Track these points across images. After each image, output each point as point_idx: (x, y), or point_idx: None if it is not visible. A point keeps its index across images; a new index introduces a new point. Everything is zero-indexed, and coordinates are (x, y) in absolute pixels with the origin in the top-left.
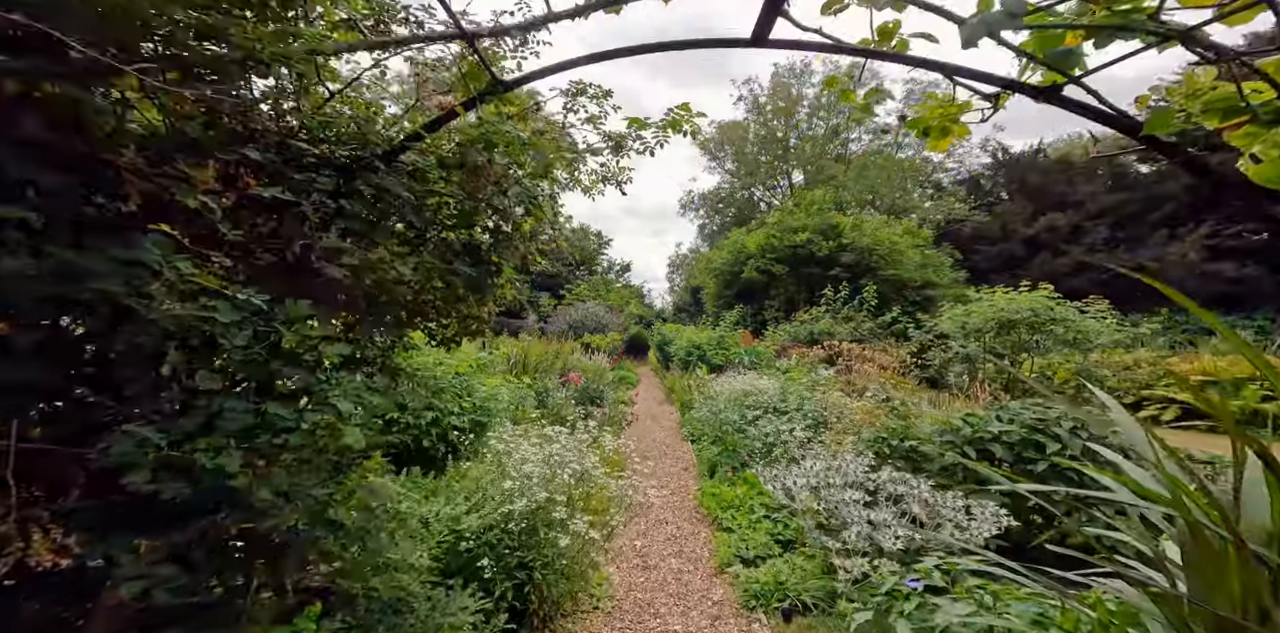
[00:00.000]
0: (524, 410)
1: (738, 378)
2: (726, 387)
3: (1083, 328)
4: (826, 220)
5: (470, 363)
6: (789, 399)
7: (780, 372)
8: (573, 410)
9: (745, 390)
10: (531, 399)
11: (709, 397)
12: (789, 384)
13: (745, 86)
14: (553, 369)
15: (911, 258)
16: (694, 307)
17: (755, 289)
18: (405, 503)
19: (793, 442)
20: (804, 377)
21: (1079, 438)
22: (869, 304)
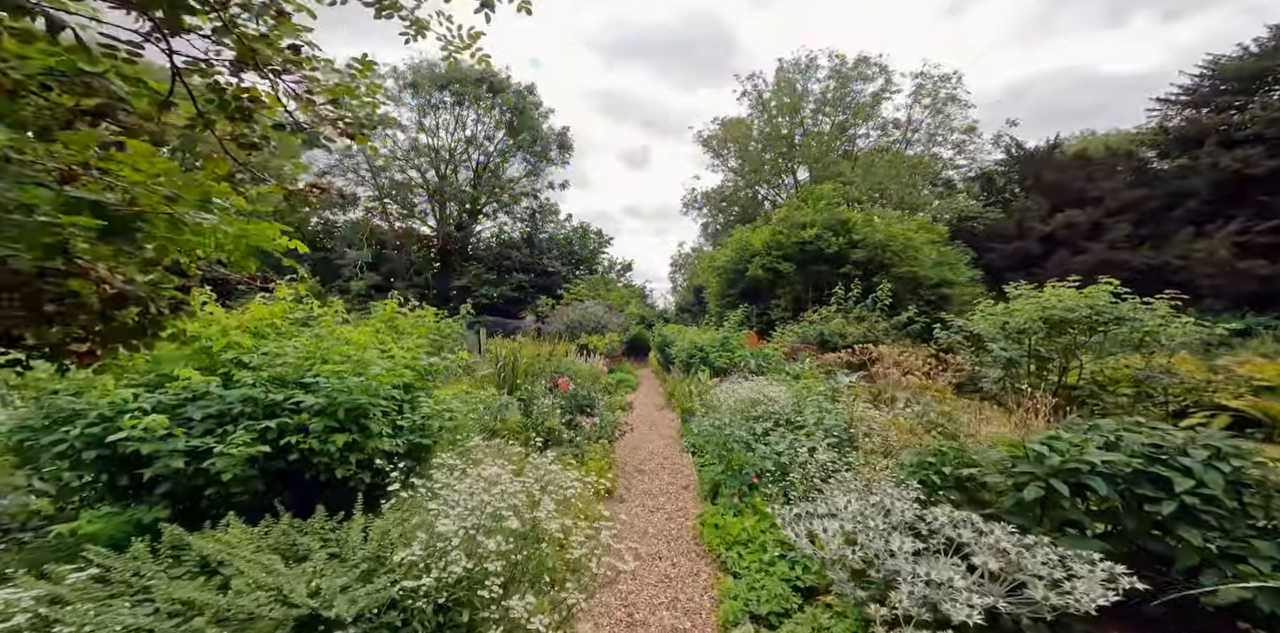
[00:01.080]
0: (505, 421)
1: (744, 384)
2: (731, 394)
3: (1154, 328)
4: (836, 216)
5: (406, 370)
6: (805, 411)
7: (791, 377)
8: (558, 421)
9: (752, 399)
10: (515, 408)
11: (711, 407)
12: (804, 392)
13: (749, 82)
14: (545, 373)
15: (927, 255)
16: (697, 306)
17: (760, 288)
18: None
19: (813, 464)
20: (820, 384)
21: (1218, 471)
22: (882, 303)
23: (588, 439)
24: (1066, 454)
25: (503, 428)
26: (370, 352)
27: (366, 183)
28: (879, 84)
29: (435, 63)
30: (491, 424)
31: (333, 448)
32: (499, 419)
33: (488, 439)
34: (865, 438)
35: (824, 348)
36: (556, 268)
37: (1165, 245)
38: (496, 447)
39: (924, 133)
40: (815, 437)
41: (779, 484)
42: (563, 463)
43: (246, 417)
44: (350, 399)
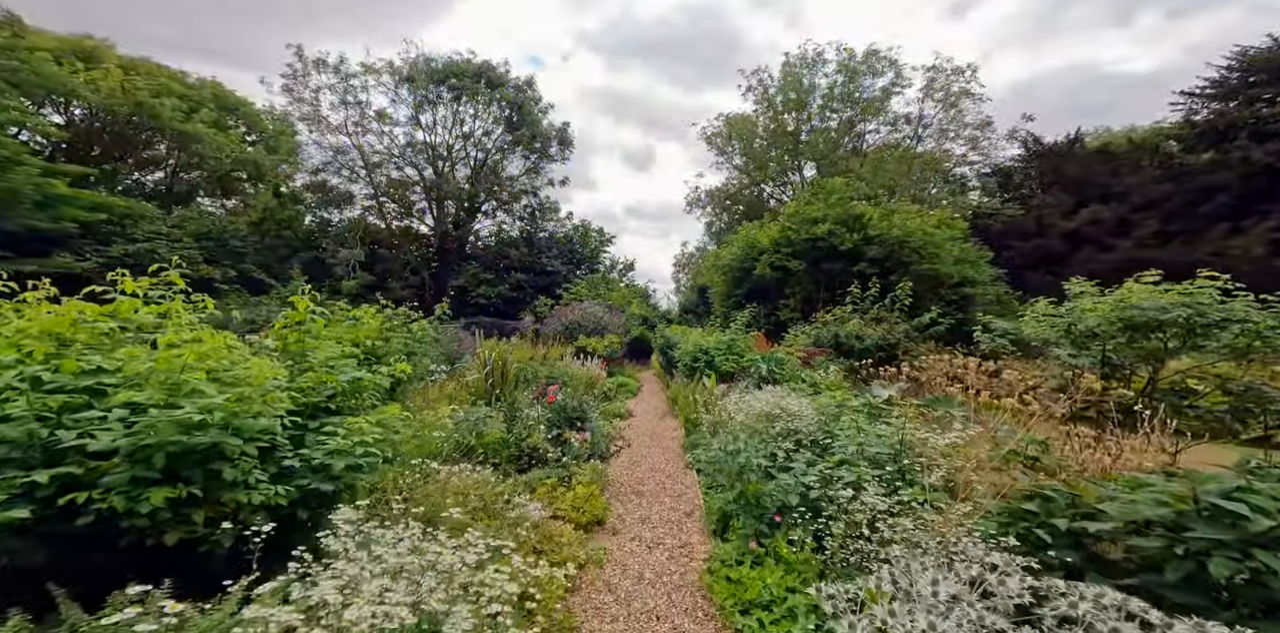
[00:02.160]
0: (483, 436)
1: (757, 395)
2: (743, 407)
3: (1266, 330)
4: (849, 211)
5: (281, 394)
6: (840, 433)
7: (809, 386)
8: (543, 437)
9: (768, 413)
10: (500, 419)
11: (720, 422)
12: (832, 408)
13: (754, 76)
14: (538, 378)
15: (949, 252)
16: (701, 307)
17: (768, 287)
18: None
19: (862, 512)
20: (850, 396)
21: None
22: (902, 303)
23: (577, 458)
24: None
25: (480, 445)
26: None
27: (361, 179)
28: (889, 78)
29: (432, 57)
30: (467, 440)
31: (146, 507)
32: (475, 434)
33: (455, 462)
34: (924, 471)
35: (840, 351)
36: (556, 267)
37: (1197, 242)
38: (459, 476)
39: (935, 128)
40: (858, 469)
41: (808, 526)
42: (545, 489)
43: (11, 464)
44: (177, 439)
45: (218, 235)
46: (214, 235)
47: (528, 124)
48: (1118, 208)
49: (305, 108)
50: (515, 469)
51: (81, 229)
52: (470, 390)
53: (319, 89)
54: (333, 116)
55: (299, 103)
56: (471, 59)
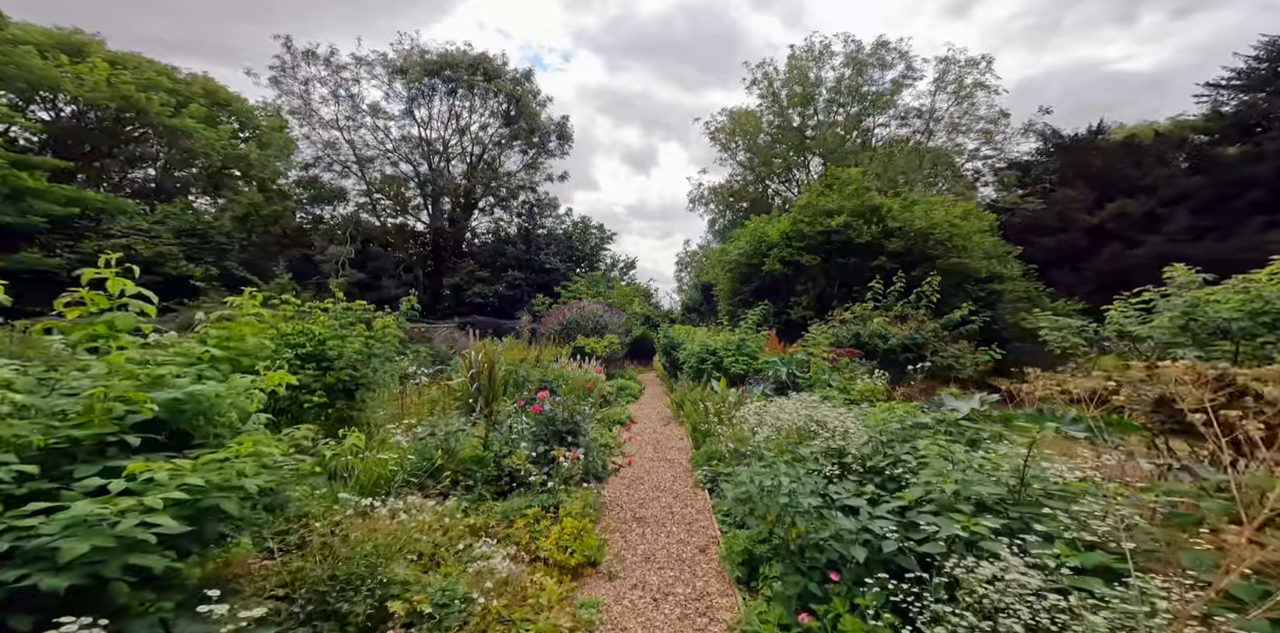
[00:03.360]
0: (455, 454)
1: (783, 404)
2: (767, 417)
3: None
4: (867, 202)
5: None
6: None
7: (838, 391)
8: (527, 456)
9: (800, 426)
10: (476, 434)
11: (740, 438)
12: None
13: (759, 69)
14: (530, 381)
15: (979, 244)
16: (705, 306)
17: (778, 284)
18: None
19: (987, 592)
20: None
21: None
22: (929, 299)
23: (568, 482)
24: None
25: (450, 465)
26: None
27: (353, 175)
28: (899, 70)
29: (426, 49)
30: (432, 460)
31: None
32: (444, 452)
33: (418, 489)
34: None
35: (863, 352)
36: (555, 265)
37: (1231, 237)
38: (412, 510)
39: (946, 123)
40: (960, 517)
41: (884, 592)
42: (525, 522)
43: None
44: None
45: (201, 232)
46: (197, 232)
47: (525, 117)
48: (1145, 202)
49: (295, 101)
50: (494, 493)
51: (51, 224)
52: (456, 395)
53: (308, 81)
54: (323, 110)
55: (288, 96)
56: (468, 51)
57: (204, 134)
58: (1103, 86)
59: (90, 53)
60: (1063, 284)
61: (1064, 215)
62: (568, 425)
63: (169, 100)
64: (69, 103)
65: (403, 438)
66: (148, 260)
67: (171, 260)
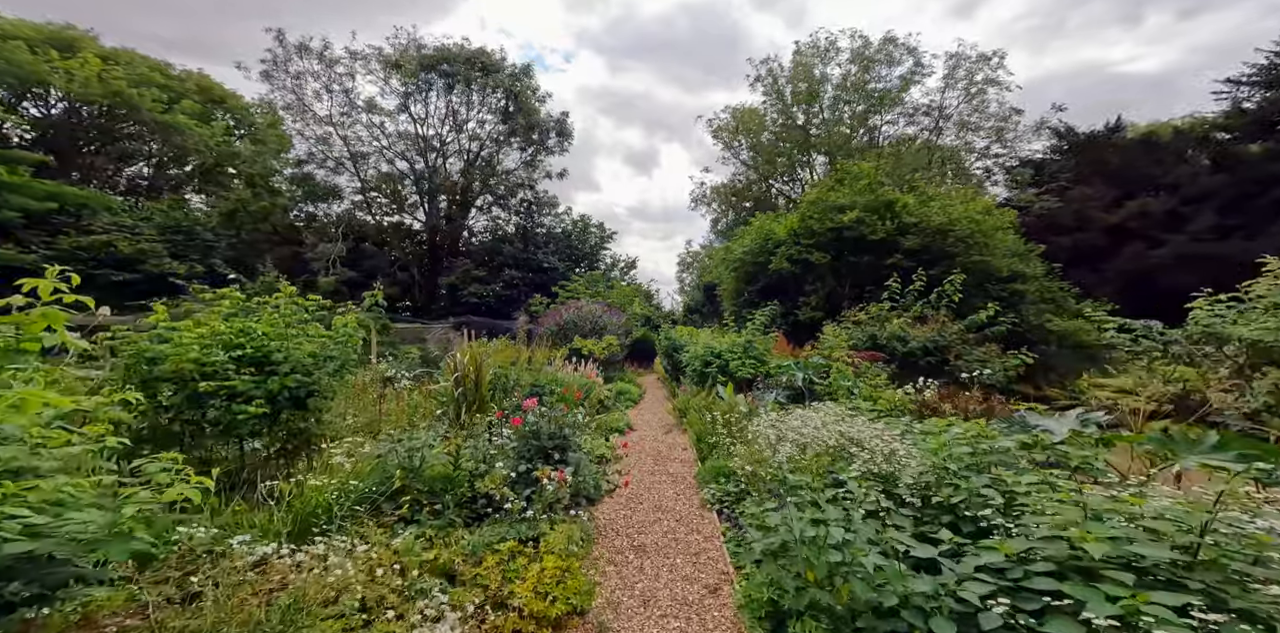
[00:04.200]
0: (421, 472)
1: (807, 417)
2: (788, 432)
3: None
4: (880, 197)
5: None
6: (990, 492)
7: (864, 399)
8: (504, 477)
9: (831, 445)
10: (449, 448)
11: (757, 458)
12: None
13: (763, 66)
14: (521, 386)
15: (1002, 242)
16: (708, 307)
17: (785, 284)
18: None
19: None
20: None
21: None
22: (950, 299)
23: (553, 507)
24: None
25: (417, 484)
26: None
27: (346, 170)
28: (907, 66)
29: (422, 42)
30: (395, 480)
31: None
32: (411, 470)
33: (372, 518)
34: None
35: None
36: (553, 264)
37: (1260, 235)
38: (341, 553)
39: (956, 120)
40: (1110, 588)
41: None
42: (497, 559)
43: None
44: None
45: (188, 229)
46: (183, 228)
47: (524, 113)
48: (1167, 200)
49: (288, 96)
50: (468, 518)
51: (28, 220)
52: (441, 401)
53: (300, 75)
54: (317, 105)
55: (280, 91)
56: (465, 45)
57: (197, 131)
58: (1107, 88)
59: (82, 48)
60: (1082, 285)
61: (1081, 214)
62: (555, 440)
63: (161, 96)
64: (61, 99)
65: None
66: (128, 258)
67: (154, 257)
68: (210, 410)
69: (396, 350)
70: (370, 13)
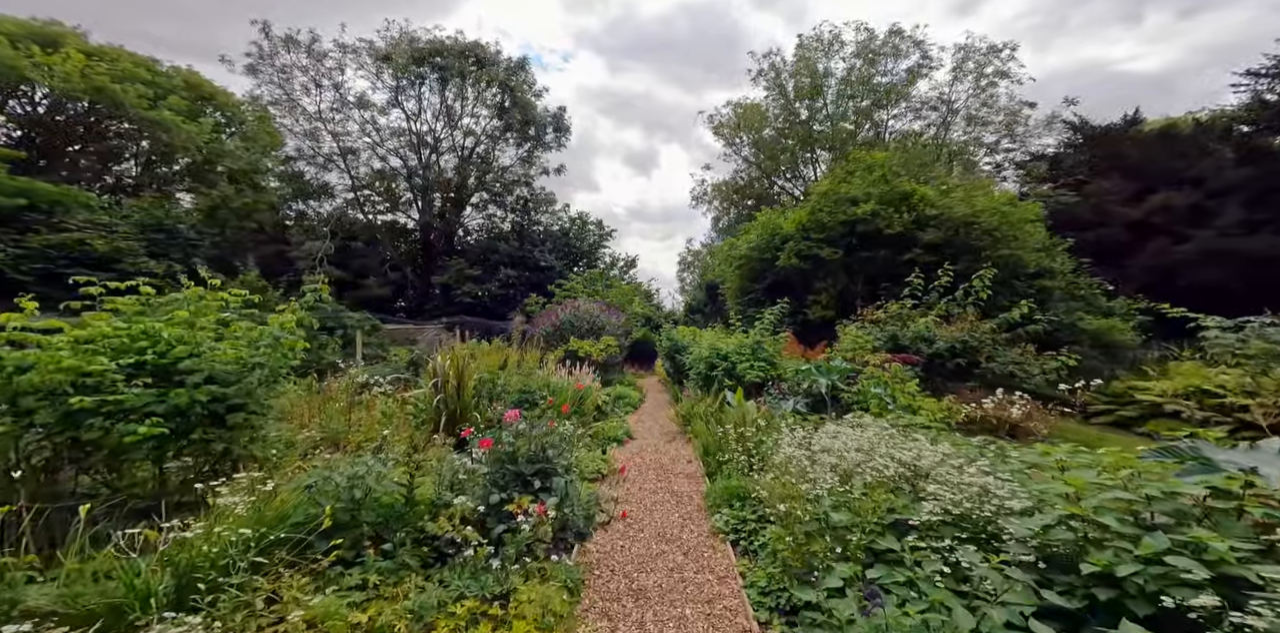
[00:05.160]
0: (364, 504)
1: (847, 437)
2: (820, 452)
3: None
4: (896, 188)
5: None
6: None
7: (902, 409)
8: (464, 514)
9: (884, 472)
10: (392, 483)
11: (788, 493)
12: (1108, 491)
13: (765, 60)
14: (510, 392)
15: (1032, 235)
16: (710, 306)
17: (793, 281)
18: None
19: None
20: (1130, 457)
21: None
22: (978, 297)
23: (531, 551)
24: None
25: (367, 518)
26: None
27: (336, 167)
28: (914, 60)
29: (414, 35)
30: (325, 516)
31: None
32: (351, 503)
33: (277, 569)
34: None
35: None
36: (550, 263)
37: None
38: None
39: (964, 115)
40: None
41: None
42: (452, 626)
43: None
44: None
45: (169, 227)
46: (165, 227)
47: (520, 108)
48: (1190, 194)
49: (275, 91)
50: (428, 558)
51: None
52: (421, 410)
53: (287, 69)
54: (305, 100)
55: (267, 86)
56: (459, 39)
57: (184, 127)
58: (1108, 87)
59: (65, 44)
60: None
61: (1100, 209)
62: (536, 464)
63: (147, 93)
64: (46, 97)
65: (299, 480)
66: (103, 256)
67: (130, 256)
68: (87, 431)
69: (386, 352)
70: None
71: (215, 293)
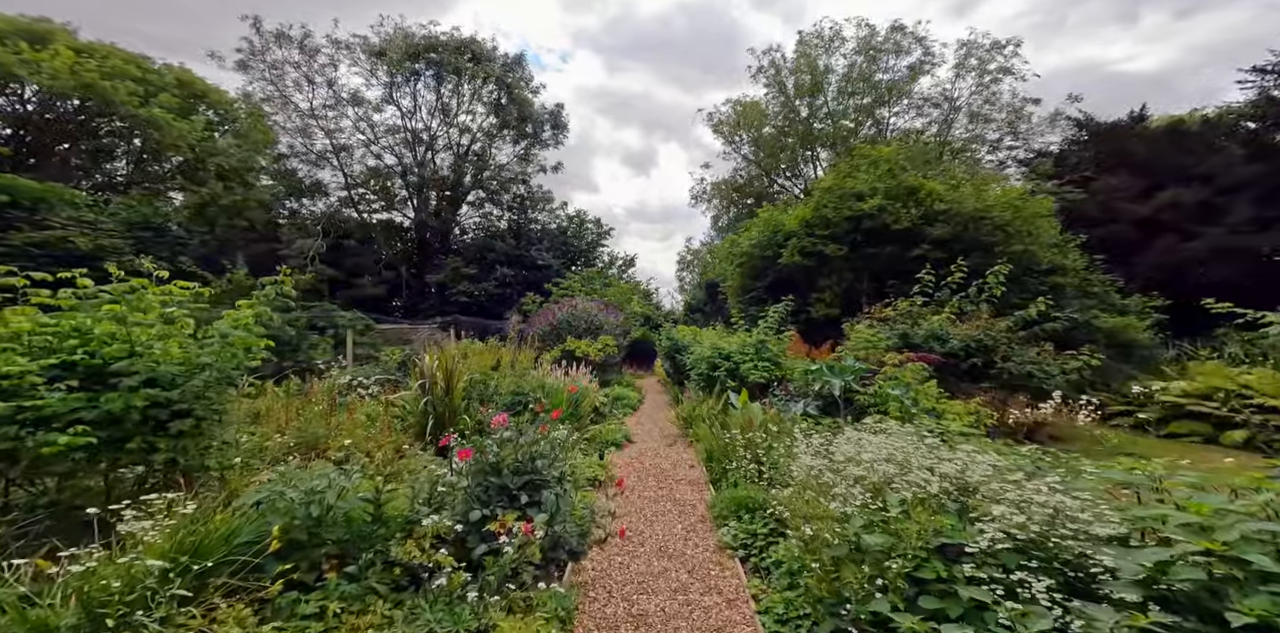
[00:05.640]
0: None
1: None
2: (844, 462)
3: None
4: (903, 183)
5: None
6: None
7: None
8: (436, 533)
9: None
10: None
11: (815, 512)
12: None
13: (765, 56)
14: (502, 394)
15: (1045, 230)
16: (710, 306)
17: (796, 279)
18: None
19: None
20: None
21: None
22: (992, 293)
23: (515, 577)
24: None
25: (331, 536)
26: None
27: (329, 165)
28: (916, 56)
29: (409, 31)
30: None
31: None
32: (313, 518)
33: (210, 600)
34: None
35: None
36: (548, 261)
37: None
38: None
39: (967, 112)
40: None
41: None
42: None
43: None
44: None
45: (158, 225)
46: (153, 224)
47: (516, 105)
48: (1199, 191)
49: (267, 87)
50: (400, 581)
51: None
52: (408, 412)
53: (279, 65)
54: (297, 96)
55: (260, 82)
56: (455, 34)
57: (175, 125)
58: (1106, 86)
59: (55, 41)
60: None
61: (1107, 206)
62: (524, 476)
63: (138, 90)
64: (36, 94)
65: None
66: (87, 255)
67: (115, 254)
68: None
69: (379, 353)
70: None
71: (157, 286)
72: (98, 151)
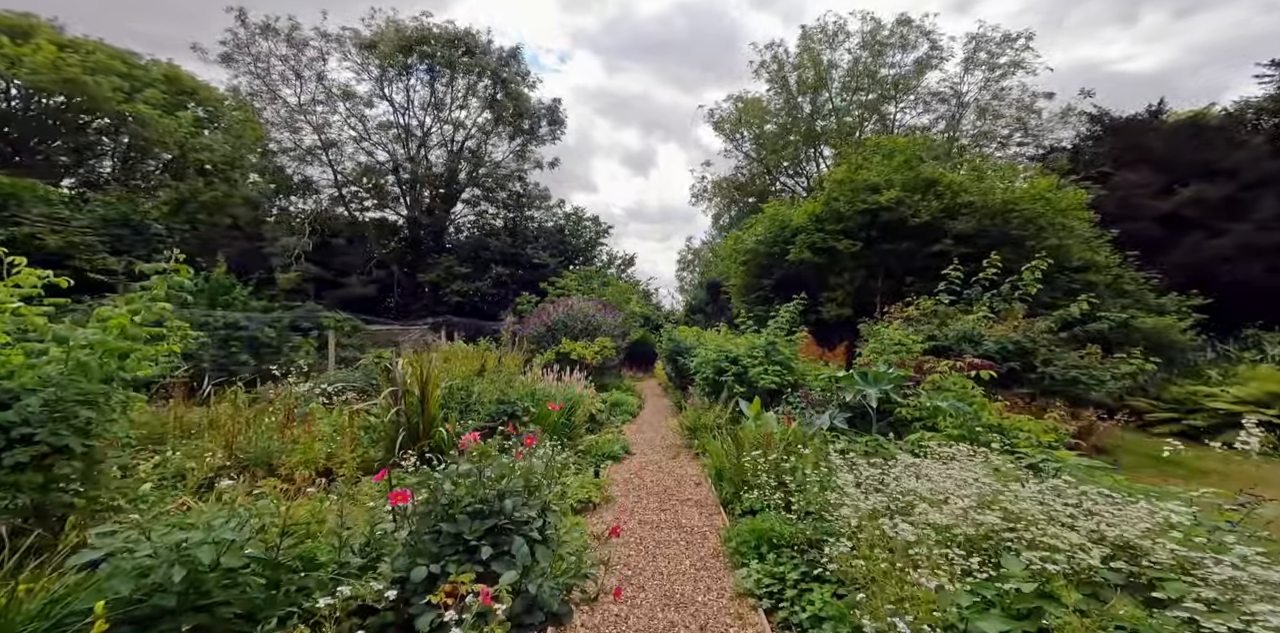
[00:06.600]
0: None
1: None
2: (920, 503)
3: None
4: (922, 175)
5: None
6: None
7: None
8: (374, 599)
9: (1050, 542)
10: (252, 551)
11: (919, 597)
12: None
13: (768, 51)
14: (487, 404)
15: (1079, 223)
16: (712, 306)
17: (805, 277)
18: None
19: None
20: None
21: None
22: (1026, 292)
23: None
24: None
25: (225, 603)
26: None
27: (319, 161)
28: (923, 50)
29: (401, 23)
30: (154, 599)
31: None
32: (178, 583)
33: None
34: None
35: None
36: (544, 260)
37: None
38: None
39: (975, 107)
40: None
41: None
42: None
43: None
44: None
45: (136, 223)
46: (130, 222)
47: (512, 99)
48: (1224, 186)
49: (253, 81)
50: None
51: None
52: (373, 425)
53: (265, 58)
54: (285, 91)
55: (245, 75)
56: (448, 27)
57: (161, 122)
58: (1105, 87)
59: (38, 35)
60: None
61: (1127, 202)
62: (485, 522)
63: (122, 86)
64: (19, 90)
65: None
66: (55, 253)
67: (86, 252)
68: None
69: (364, 355)
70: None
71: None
72: (83, 148)
